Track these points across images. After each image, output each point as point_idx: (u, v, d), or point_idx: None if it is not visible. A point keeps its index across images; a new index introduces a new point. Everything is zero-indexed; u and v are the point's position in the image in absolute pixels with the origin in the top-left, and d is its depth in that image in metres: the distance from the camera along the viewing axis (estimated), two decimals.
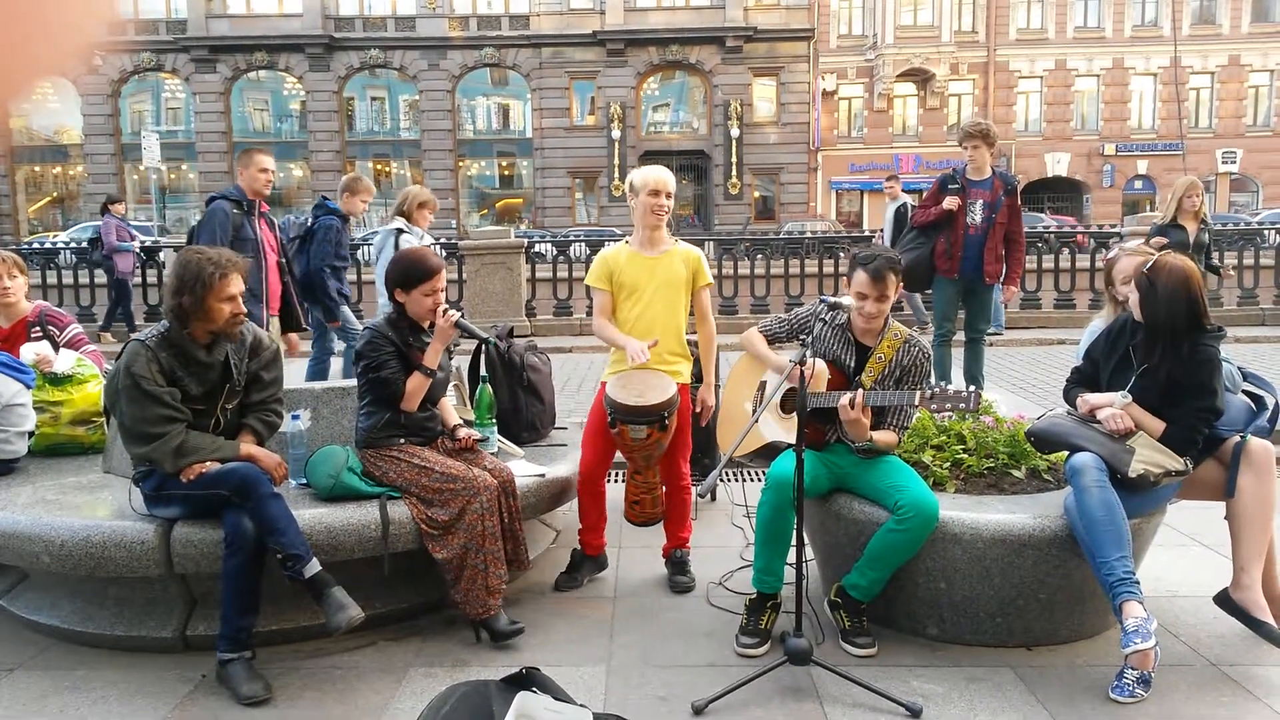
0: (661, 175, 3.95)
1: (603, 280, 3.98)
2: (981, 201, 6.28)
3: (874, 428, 3.39)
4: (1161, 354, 3.26)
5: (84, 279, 13.77)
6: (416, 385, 3.53)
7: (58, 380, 4.28)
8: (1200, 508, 3.66)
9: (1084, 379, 3.57)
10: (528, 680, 2.65)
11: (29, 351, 4.28)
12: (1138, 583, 3.02)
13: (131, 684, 3.16)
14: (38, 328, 4.53)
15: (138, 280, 12.76)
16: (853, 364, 3.50)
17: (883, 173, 36.38)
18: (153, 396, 3.17)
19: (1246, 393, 3.65)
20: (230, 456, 3.29)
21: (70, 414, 4.29)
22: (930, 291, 6.88)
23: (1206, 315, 3.29)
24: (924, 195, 6.67)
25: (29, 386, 4.11)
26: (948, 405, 3.24)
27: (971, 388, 3.25)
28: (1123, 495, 3.11)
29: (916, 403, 3.29)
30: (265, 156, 6.01)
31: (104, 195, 16.72)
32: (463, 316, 3.66)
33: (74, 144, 37.48)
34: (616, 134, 35.69)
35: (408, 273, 3.56)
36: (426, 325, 3.62)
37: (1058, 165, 36.59)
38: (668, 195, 3.92)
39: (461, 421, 3.81)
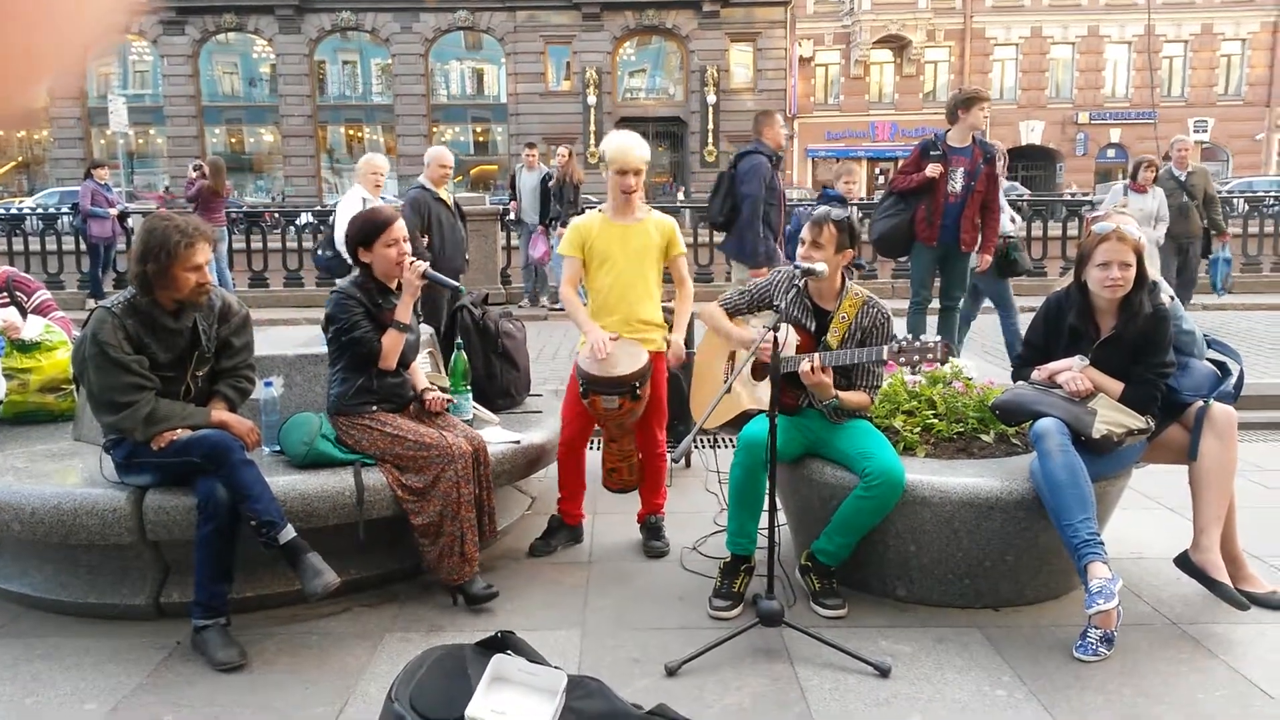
0: (630, 155, 3.90)
1: (575, 248, 3.98)
2: (962, 169, 6.30)
3: (843, 389, 3.43)
4: (1129, 320, 3.31)
5: (51, 245, 13.56)
6: (392, 342, 3.51)
7: (26, 347, 4.23)
8: (1164, 471, 3.73)
9: (1028, 362, 3.61)
10: (503, 644, 2.68)
11: None
12: (1102, 544, 3.08)
13: (105, 651, 3.15)
14: (4, 293, 4.47)
15: (122, 246, 12.60)
16: (814, 328, 3.52)
17: (859, 140, 36.42)
18: (120, 364, 3.14)
19: (1211, 359, 3.71)
20: (201, 423, 3.27)
21: (39, 381, 4.24)
22: (906, 259, 6.92)
23: (1146, 274, 3.35)
24: (903, 162, 6.68)
25: None
26: (915, 357, 3.27)
27: (938, 338, 3.28)
28: (1087, 458, 3.17)
29: (885, 357, 3.32)
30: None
31: (70, 160, 16.46)
32: (430, 267, 3.65)
33: (39, 107, 36.69)
34: (592, 100, 35.38)
35: (365, 230, 3.53)
36: (394, 285, 3.60)
37: (1032, 133, 36.70)
38: (636, 173, 3.91)
39: (431, 385, 3.79)
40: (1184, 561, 3.43)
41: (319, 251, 7.03)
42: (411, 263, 3.56)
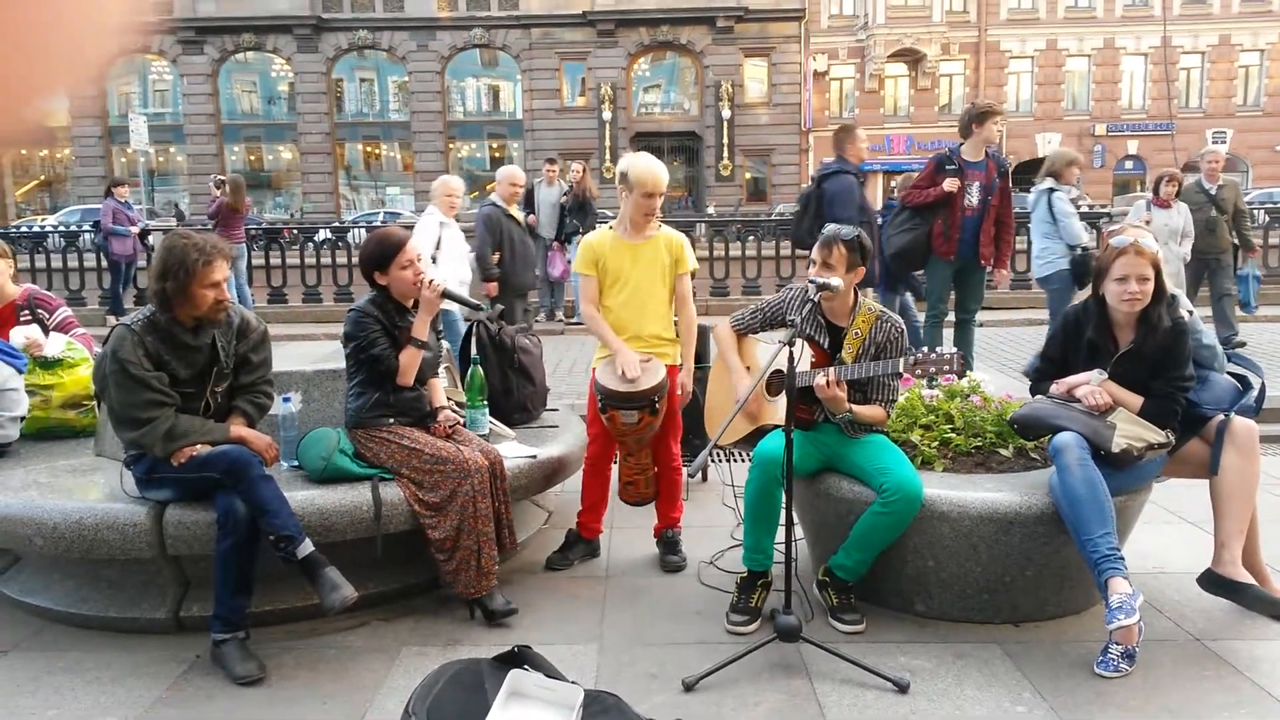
0: (657, 178, 3.89)
1: (589, 266, 3.99)
2: (978, 183, 6.29)
3: (859, 404, 3.42)
4: (1147, 333, 3.29)
5: (73, 263, 13.71)
6: (409, 359, 3.53)
7: (48, 364, 4.28)
8: (1185, 486, 3.70)
9: (1046, 376, 3.59)
10: (520, 658, 2.68)
11: (19, 335, 4.28)
12: (1122, 559, 3.05)
13: (126, 665, 3.17)
14: (26, 311, 4.52)
15: (143, 263, 12.74)
16: (827, 344, 3.52)
17: (876, 154, 36.42)
18: (140, 381, 3.17)
19: (1232, 373, 3.68)
20: (220, 439, 3.29)
21: (61, 397, 4.29)
22: (922, 273, 6.91)
23: (1165, 288, 3.33)
24: (917, 176, 6.67)
25: (20, 371, 4.10)
26: (931, 369, 3.27)
27: (953, 350, 3.27)
28: (1107, 472, 3.15)
29: (901, 370, 3.32)
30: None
31: (91, 179, 16.70)
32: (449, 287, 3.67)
33: (61, 126, 37.15)
34: (607, 115, 35.55)
35: (380, 252, 3.56)
36: (410, 304, 3.63)
37: (1048, 145, 36.49)
38: (661, 195, 3.92)
39: (448, 402, 3.81)
40: (1209, 579, 3.39)
41: None
42: (430, 282, 3.59)
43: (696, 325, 4.14)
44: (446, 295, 3.61)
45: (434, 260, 6.73)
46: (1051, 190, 7.01)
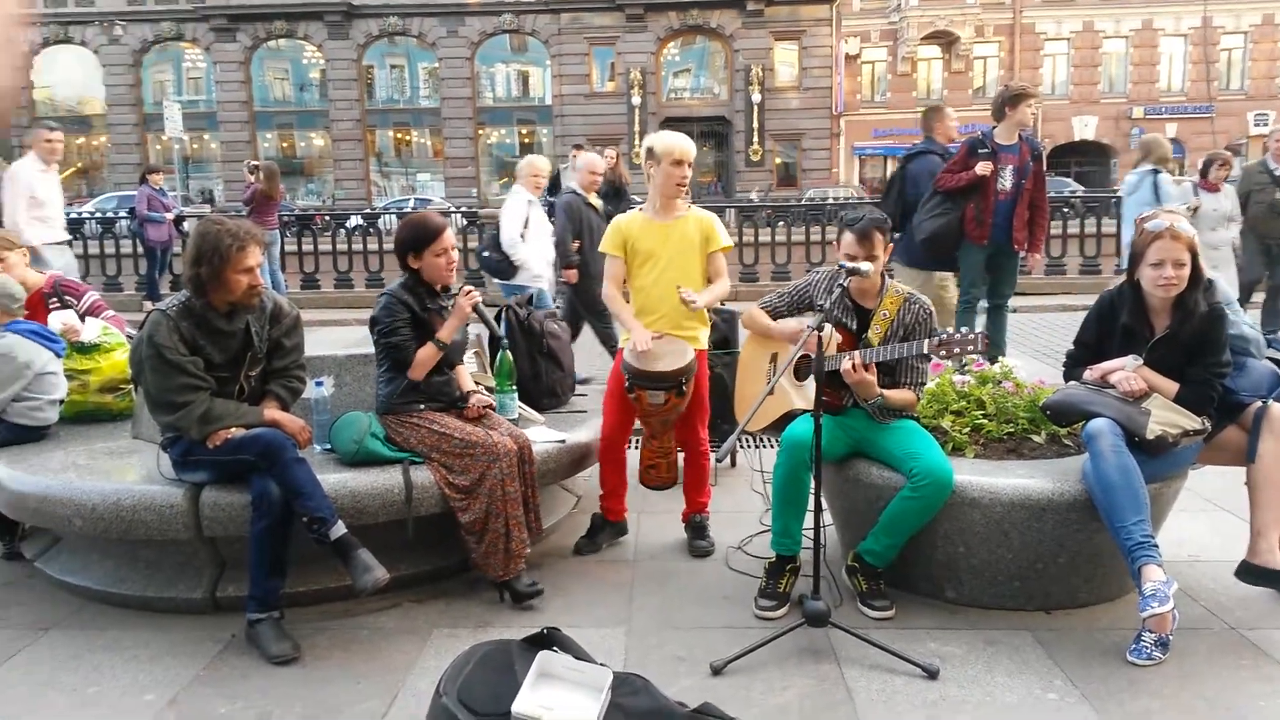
0: (684, 144, 3.92)
1: (616, 247, 3.99)
2: (1011, 167, 6.20)
3: (887, 388, 3.40)
4: (1183, 319, 3.24)
5: (110, 249, 13.90)
6: (427, 356, 3.56)
7: (85, 349, 4.35)
8: (1222, 473, 3.65)
9: (1080, 362, 3.55)
10: (549, 640, 2.70)
11: (56, 321, 4.35)
12: (1156, 546, 3.02)
13: (163, 644, 3.23)
14: (55, 299, 4.59)
15: (178, 250, 12.90)
16: (855, 326, 3.50)
17: (908, 138, 36.03)
18: (176, 365, 3.22)
19: (1272, 359, 3.63)
20: (255, 422, 3.34)
21: (99, 381, 4.36)
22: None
23: (1201, 272, 3.28)
24: (950, 160, 6.58)
25: (59, 355, 4.18)
26: (955, 349, 3.23)
27: (978, 330, 3.24)
28: (1142, 459, 3.11)
29: (925, 351, 3.29)
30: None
31: (127, 166, 16.92)
32: (483, 299, 3.69)
33: (97, 114, 37.68)
34: (636, 100, 35.45)
35: (416, 237, 3.57)
36: (440, 289, 3.65)
37: (1084, 129, 36.06)
38: (689, 164, 3.92)
39: (476, 387, 3.84)
40: (1246, 569, 3.34)
41: (484, 253, 7.19)
42: (467, 290, 3.60)
43: (727, 288, 4.07)
44: (476, 310, 3.64)
45: (522, 238, 6.78)
46: (1156, 172, 6.87)
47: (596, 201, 7.11)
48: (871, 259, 3.40)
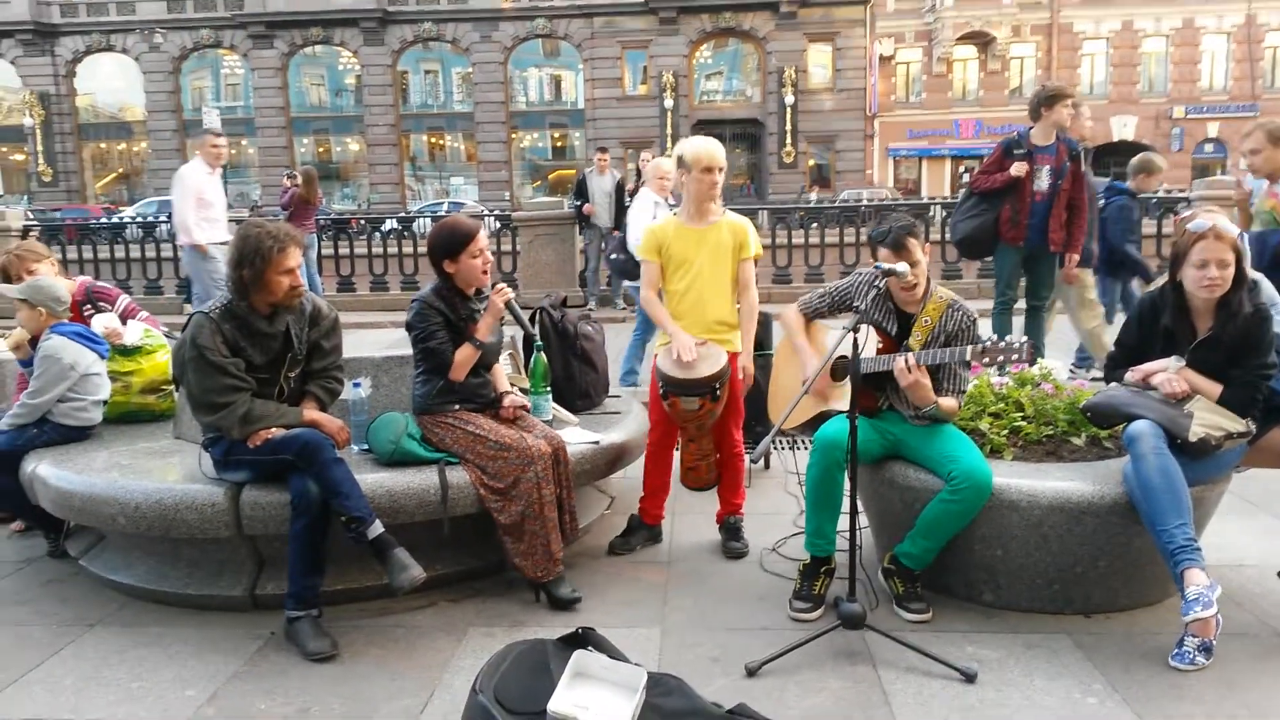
0: (714, 151, 3.92)
1: (651, 252, 4.00)
2: (1048, 168, 6.13)
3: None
4: (1227, 320, 3.19)
5: (150, 253, 14.13)
6: (466, 356, 3.58)
7: (128, 351, 4.43)
8: (1269, 476, 3.58)
9: (1121, 364, 3.50)
10: (584, 640, 2.70)
11: (99, 324, 4.43)
12: (1199, 550, 2.97)
13: (204, 640, 3.28)
14: (89, 305, 4.66)
15: None
16: (896, 331, 3.47)
17: (943, 139, 35.75)
18: (218, 367, 3.27)
19: None
20: (294, 423, 3.38)
21: (141, 383, 4.43)
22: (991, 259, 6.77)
23: (1245, 273, 3.23)
24: (985, 160, 6.52)
25: (103, 357, 4.25)
26: (999, 358, 3.20)
27: (1023, 338, 3.19)
28: (1184, 462, 3.06)
29: (969, 358, 3.25)
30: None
31: (167, 171, 17.18)
32: (515, 299, 3.70)
33: (137, 120, 38.36)
34: (669, 103, 35.48)
35: (451, 242, 3.58)
36: (472, 292, 3.67)
37: (1124, 129, 35.54)
38: (720, 170, 3.91)
39: (512, 388, 3.86)
40: None
41: (612, 255, 7.27)
42: (500, 288, 3.63)
43: (757, 310, 4.11)
44: (508, 307, 3.65)
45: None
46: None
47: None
48: (914, 263, 3.36)
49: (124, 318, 4.64)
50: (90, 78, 37.99)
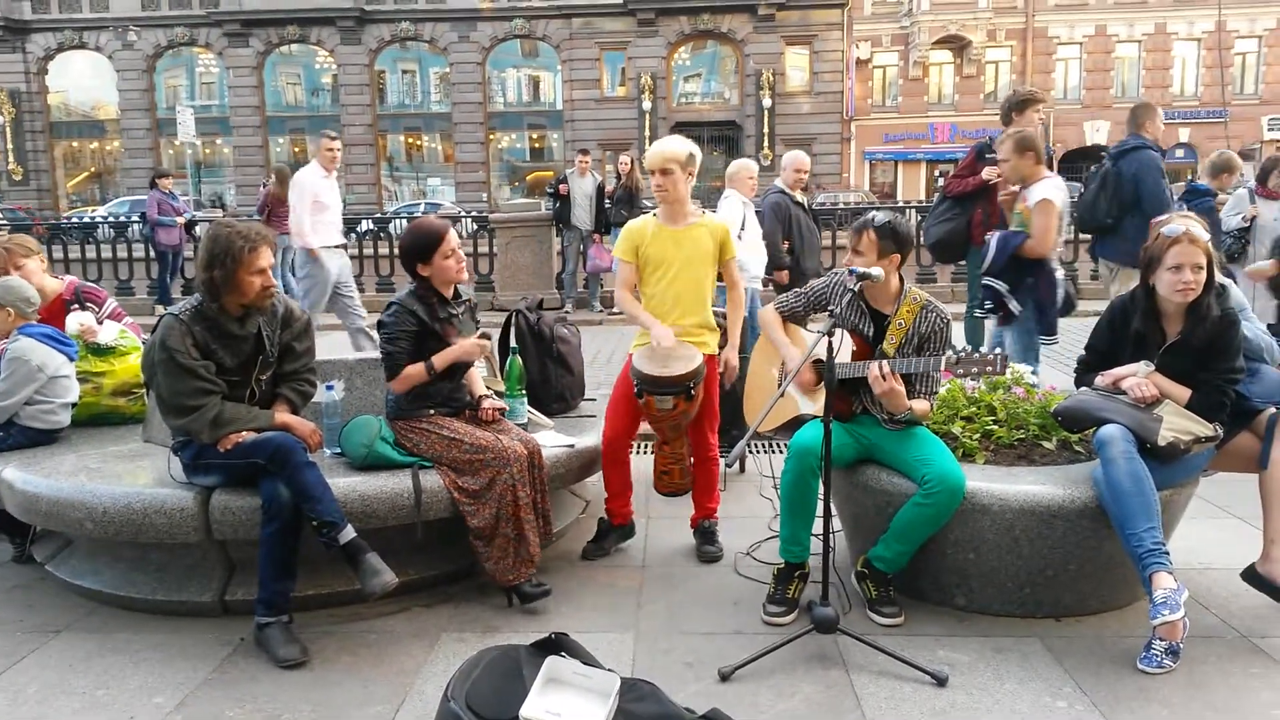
0: (661, 151, 3.90)
1: (628, 253, 4.00)
2: None
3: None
4: (1196, 324, 3.23)
5: (122, 253, 13.98)
6: (414, 374, 3.52)
7: (100, 351, 4.37)
8: (1234, 480, 3.62)
9: (1092, 368, 3.53)
10: (557, 645, 2.70)
11: (74, 321, 4.38)
12: (1167, 553, 3.00)
13: (173, 646, 3.25)
14: (76, 305, 4.61)
15: (189, 253, 12.94)
16: (871, 333, 3.48)
17: (919, 142, 35.91)
18: (188, 370, 3.23)
19: None
20: (266, 426, 3.35)
21: (112, 385, 4.38)
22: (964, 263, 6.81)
23: (1215, 277, 3.27)
24: (958, 165, 6.56)
25: (72, 359, 4.20)
26: (974, 369, 3.22)
27: (997, 350, 3.22)
28: (1153, 466, 3.09)
29: (942, 369, 3.27)
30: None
31: (140, 170, 17.01)
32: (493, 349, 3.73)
33: (111, 119, 37.91)
34: (647, 105, 35.47)
35: (423, 243, 3.55)
36: (450, 293, 3.65)
37: (1097, 134, 35.88)
38: (664, 173, 3.88)
39: (489, 392, 3.84)
40: (1252, 575, 3.33)
41: None
42: (482, 345, 3.63)
43: (743, 298, 4.10)
44: (488, 359, 3.69)
45: (739, 238, 6.73)
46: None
47: (803, 199, 7.06)
48: (858, 254, 3.41)
49: (109, 321, 4.59)
50: (62, 75, 37.49)
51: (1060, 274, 5.04)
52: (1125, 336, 3.41)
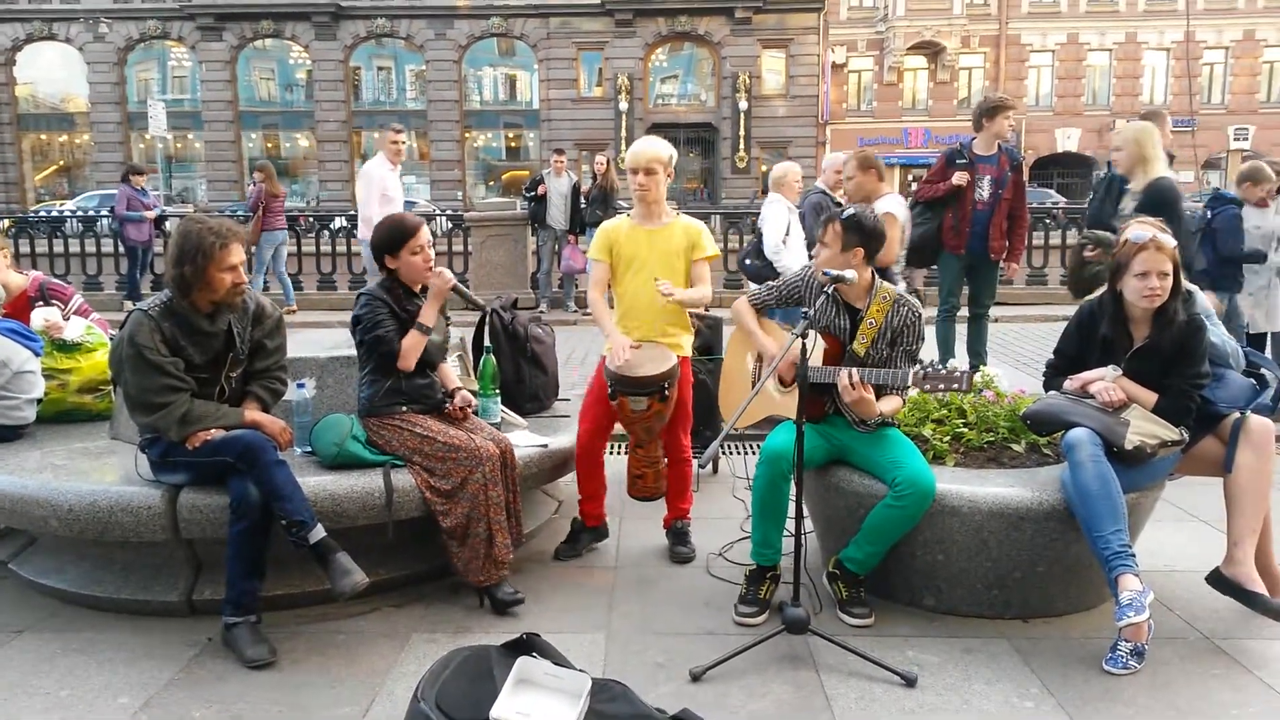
0: (641, 150, 3.91)
1: (602, 252, 4.00)
2: (989, 177, 6.25)
3: (875, 397, 3.40)
4: (1163, 329, 3.27)
5: (91, 248, 13.79)
6: (412, 343, 3.53)
7: (67, 348, 4.31)
8: (1199, 484, 3.67)
9: (1060, 372, 3.57)
10: (528, 645, 2.69)
11: (39, 317, 4.32)
12: (1133, 556, 3.04)
13: (138, 647, 3.20)
14: (41, 301, 4.55)
15: (160, 249, 12.76)
16: (846, 326, 3.50)
17: (893, 147, 36.17)
18: (156, 366, 3.19)
19: (1249, 372, 3.66)
20: (235, 424, 3.32)
21: (79, 381, 4.32)
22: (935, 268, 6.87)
23: (1181, 283, 3.31)
24: (929, 170, 6.64)
25: (37, 354, 4.14)
26: (940, 385, 3.23)
27: (964, 367, 3.24)
28: (1119, 469, 3.13)
29: (910, 383, 3.29)
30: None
31: (110, 164, 16.80)
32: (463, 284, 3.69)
33: (80, 112, 37.39)
34: (624, 106, 35.47)
35: (392, 237, 3.56)
36: (419, 289, 3.64)
37: (1068, 140, 36.32)
38: (648, 173, 3.89)
39: (460, 385, 3.83)
40: (1217, 578, 3.38)
41: (745, 260, 7.15)
42: (439, 271, 3.60)
43: (709, 297, 4.07)
44: (455, 290, 3.63)
45: (784, 243, 6.72)
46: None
47: (844, 199, 7.06)
48: (824, 245, 3.46)
49: (75, 317, 4.52)
50: (30, 66, 36.91)
51: (902, 285, 5.29)
52: (1093, 341, 3.45)
